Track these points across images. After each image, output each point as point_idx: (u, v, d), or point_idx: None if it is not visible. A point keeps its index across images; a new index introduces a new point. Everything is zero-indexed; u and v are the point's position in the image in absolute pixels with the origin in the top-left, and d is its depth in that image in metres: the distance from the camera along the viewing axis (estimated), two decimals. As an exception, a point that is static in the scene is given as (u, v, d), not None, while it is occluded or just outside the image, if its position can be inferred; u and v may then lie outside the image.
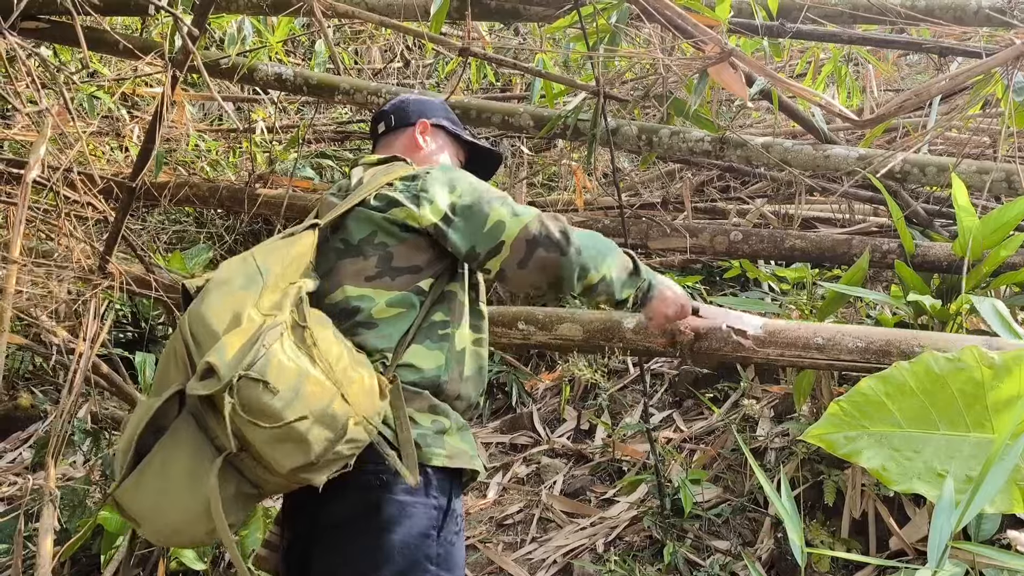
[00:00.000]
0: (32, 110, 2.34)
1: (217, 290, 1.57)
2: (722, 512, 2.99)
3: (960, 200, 2.52)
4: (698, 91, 2.65)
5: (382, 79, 5.66)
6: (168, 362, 1.58)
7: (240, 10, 3.52)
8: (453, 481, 1.72)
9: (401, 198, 1.76)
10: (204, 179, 4.23)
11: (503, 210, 1.74)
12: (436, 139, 2.08)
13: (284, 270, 1.63)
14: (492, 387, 4.61)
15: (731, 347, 2.16)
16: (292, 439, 1.42)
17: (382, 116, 2.11)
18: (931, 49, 2.67)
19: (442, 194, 1.76)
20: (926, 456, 1.82)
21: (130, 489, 1.49)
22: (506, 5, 3.37)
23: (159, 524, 1.51)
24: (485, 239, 1.73)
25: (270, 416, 1.40)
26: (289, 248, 1.69)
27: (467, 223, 1.74)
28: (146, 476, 1.49)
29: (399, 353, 1.69)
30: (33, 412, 4.76)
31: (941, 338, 2.15)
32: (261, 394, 1.40)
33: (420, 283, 1.75)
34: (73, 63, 4.38)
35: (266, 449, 1.43)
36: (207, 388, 1.40)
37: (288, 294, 1.56)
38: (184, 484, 1.46)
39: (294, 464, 1.44)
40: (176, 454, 1.48)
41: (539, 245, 1.71)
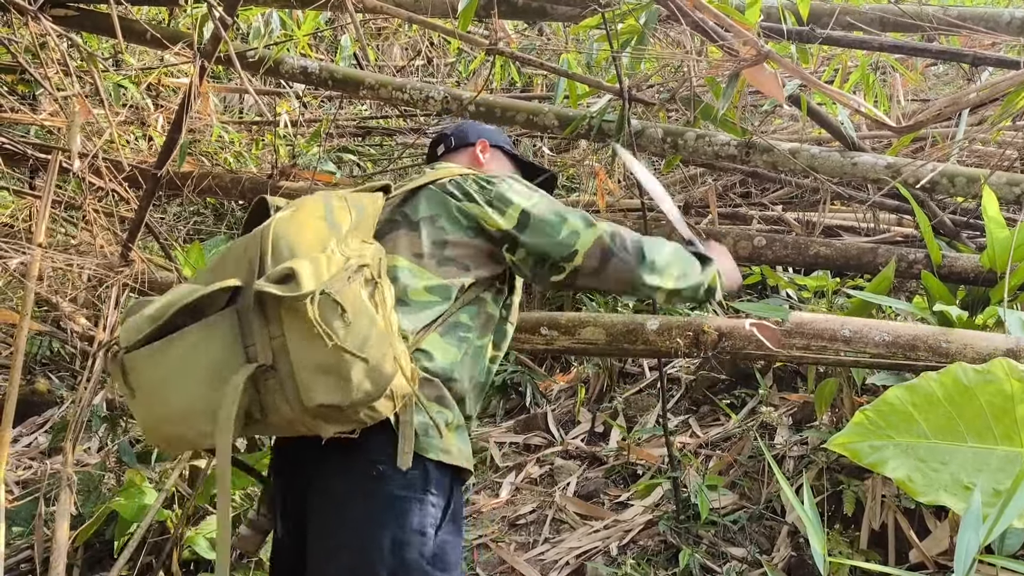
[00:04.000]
0: (62, 95, 2.34)
1: (307, 217, 1.56)
2: (738, 519, 2.96)
3: (990, 211, 2.49)
4: (727, 94, 2.63)
5: (404, 76, 5.67)
6: (225, 261, 1.55)
7: (268, 3, 3.53)
8: (453, 479, 1.70)
9: (476, 195, 1.79)
10: (227, 170, 4.24)
11: (577, 220, 1.81)
12: (496, 158, 2.15)
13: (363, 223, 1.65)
14: (507, 387, 4.60)
15: (754, 345, 2.16)
16: (336, 373, 1.39)
17: (442, 139, 2.18)
18: (964, 58, 2.63)
19: (517, 200, 1.81)
20: (953, 468, 1.80)
21: (144, 358, 1.43)
22: (533, 4, 3.36)
23: (157, 403, 1.45)
24: (559, 246, 1.79)
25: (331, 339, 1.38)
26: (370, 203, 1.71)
27: (542, 229, 1.79)
28: (166, 352, 1.43)
29: (419, 338, 1.69)
30: (50, 397, 4.79)
31: (970, 335, 2.14)
32: (335, 319, 1.39)
33: (463, 279, 1.76)
34: (101, 51, 4.40)
35: (306, 375, 1.40)
36: (283, 291, 1.37)
37: (369, 247, 1.58)
38: (203, 376, 1.41)
39: (326, 400, 1.40)
40: (207, 344, 1.43)
41: (613, 255, 1.80)
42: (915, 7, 3.08)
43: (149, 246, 4.62)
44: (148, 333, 1.43)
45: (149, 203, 2.78)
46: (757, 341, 2.16)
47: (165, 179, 3.06)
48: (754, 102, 4.09)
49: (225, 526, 1.43)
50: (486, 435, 4.24)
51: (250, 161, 4.63)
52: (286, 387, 1.42)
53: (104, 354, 1.79)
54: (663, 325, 2.34)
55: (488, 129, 2.23)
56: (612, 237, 1.81)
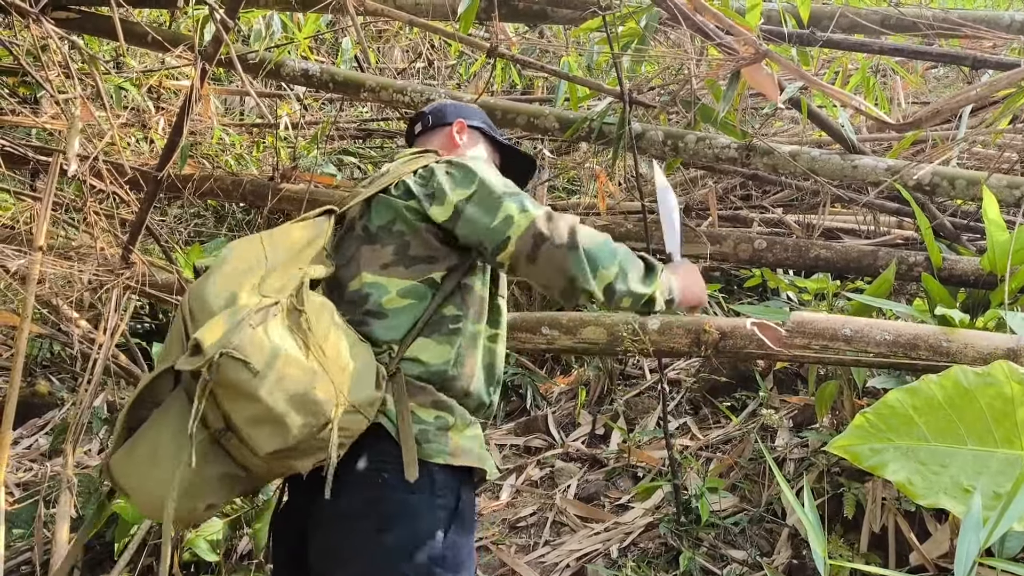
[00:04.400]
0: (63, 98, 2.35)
1: (219, 270, 1.59)
2: (739, 521, 2.96)
3: (991, 214, 2.49)
4: (727, 96, 2.63)
5: (405, 79, 5.68)
6: (171, 338, 1.60)
7: (269, 5, 3.53)
8: (462, 480, 1.67)
9: (417, 190, 1.76)
10: (228, 173, 4.24)
11: (512, 205, 1.70)
12: (472, 139, 2.09)
13: (294, 255, 1.65)
14: (507, 389, 4.60)
15: (755, 345, 2.16)
16: (269, 421, 1.43)
17: (420, 117, 2.13)
18: (964, 61, 2.64)
19: (454, 192, 1.74)
20: (953, 471, 1.80)
21: (122, 459, 1.52)
22: (534, 7, 3.36)
23: (146, 497, 1.51)
24: (492, 233, 1.69)
25: (247, 395, 1.41)
26: (301, 232, 1.71)
27: (476, 217, 1.71)
28: (137, 448, 1.51)
29: (405, 345, 1.67)
30: (50, 399, 4.79)
31: (970, 335, 2.14)
32: (240, 372, 1.41)
33: (433, 274, 1.73)
34: (102, 54, 4.40)
35: (246, 429, 1.44)
36: (191, 364, 1.42)
37: (293, 278, 1.58)
38: (171, 458, 1.46)
39: (273, 447, 1.44)
40: (166, 428, 1.50)
41: (545, 240, 1.66)
42: (915, 10, 3.09)
43: (150, 248, 4.62)
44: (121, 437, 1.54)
45: (150, 205, 2.78)
46: (758, 340, 2.17)
47: (166, 181, 3.07)
48: (754, 105, 4.10)
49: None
50: (487, 437, 4.24)
51: (251, 163, 4.63)
52: (244, 444, 1.47)
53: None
54: (664, 325, 2.35)
55: (467, 108, 2.15)
56: (548, 221, 1.68)
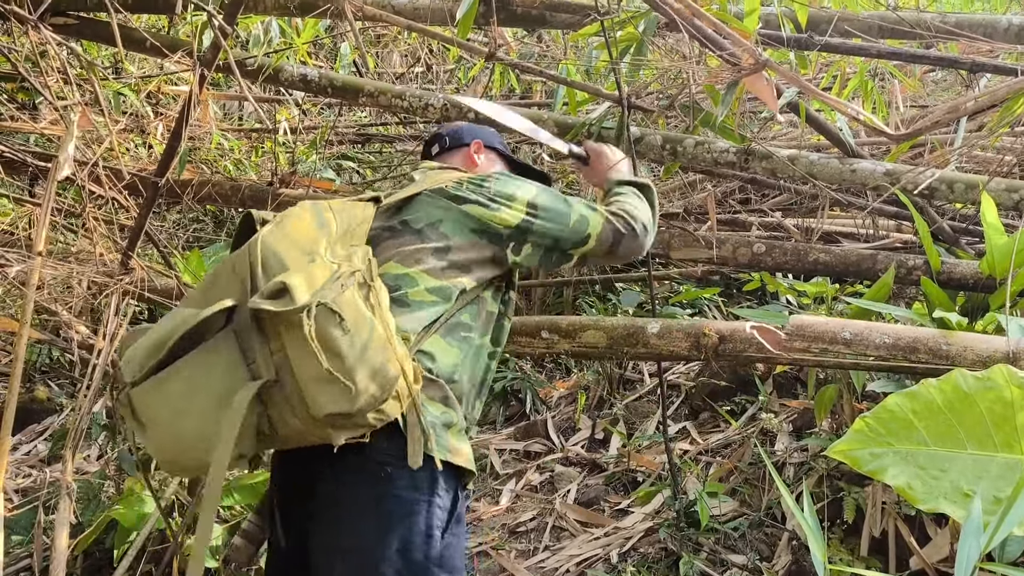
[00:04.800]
0: (62, 104, 2.35)
1: (292, 228, 1.57)
2: (739, 526, 2.96)
3: (989, 218, 2.49)
4: (726, 102, 2.63)
5: (403, 84, 5.68)
6: (218, 279, 1.56)
7: (268, 11, 3.53)
8: (459, 481, 1.70)
9: (475, 197, 1.80)
10: (227, 178, 4.24)
11: (579, 206, 1.90)
12: (490, 159, 2.15)
13: (351, 230, 1.67)
14: (506, 393, 4.59)
15: (755, 348, 2.17)
16: (340, 381, 1.40)
17: (436, 138, 2.17)
18: (962, 65, 2.64)
19: (520, 194, 1.84)
20: (953, 475, 1.80)
21: (150, 391, 1.45)
22: (532, 11, 3.36)
23: (169, 435, 1.46)
24: (572, 233, 1.86)
25: (335, 353, 1.39)
26: (358, 211, 1.73)
27: (552, 217, 1.85)
28: (171, 383, 1.44)
29: (422, 339, 1.69)
30: (49, 405, 4.78)
31: (970, 338, 2.14)
32: (334, 328, 1.39)
33: (463, 280, 1.77)
34: (101, 60, 4.41)
35: (311, 386, 1.41)
36: (279, 306, 1.38)
37: (356, 252, 1.59)
38: (209, 401, 1.43)
39: (335, 409, 1.42)
40: (209, 369, 1.45)
41: (623, 235, 1.90)
42: (913, 14, 3.09)
43: (149, 253, 4.62)
44: (151, 366, 1.45)
45: (149, 211, 2.78)
46: (758, 344, 2.18)
47: (165, 187, 3.07)
48: (753, 109, 4.10)
49: (205, 542, 1.46)
50: (486, 442, 4.24)
51: (250, 168, 4.63)
52: (292, 400, 1.44)
53: (109, 391, 1.81)
54: (664, 328, 2.35)
55: (483, 130, 2.23)
56: (615, 218, 1.91)
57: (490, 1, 3.08)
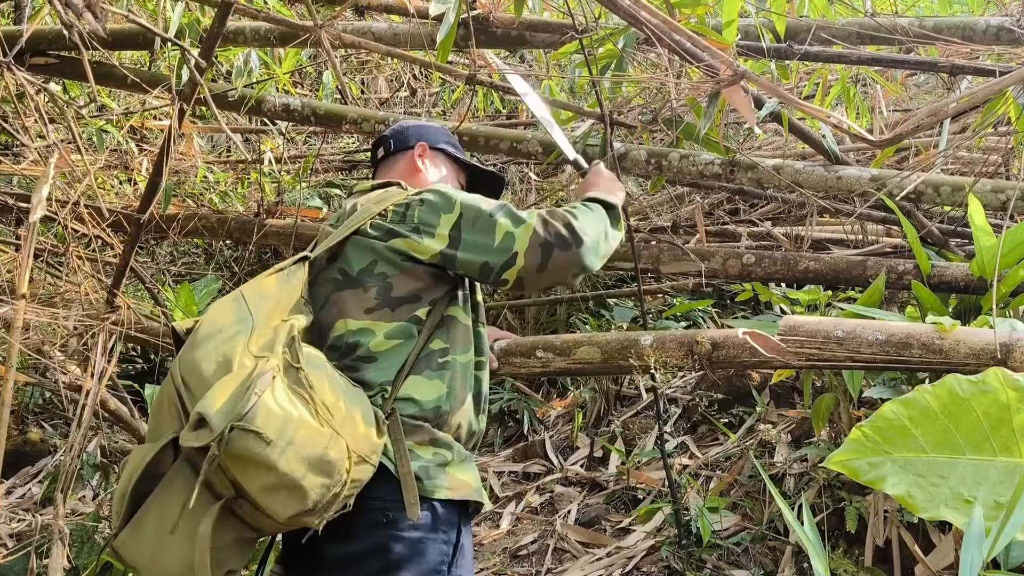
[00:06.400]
0: (40, 145, 2.33)
1: (208, 335, 1.56)
2: (741, 541, 2.93)
3: (977, 220, 2.48)
4: (708, 114, 2.62)
5: (389, 108, 5.68)
6: (161, 408, 1.57)
7: (247, 42, 3.53)
8: (461, 514, 1.69)
9: (398, 228, 1.74)
10: (213, 211, 4.22)
11: (506, 220, 1.72)
12: (436, 162, 2.07)
13: (274, 308, 1.62)
14: (503, 415, 4.57)
15: (748, 352, 2.17)
16: (287, 487, 1.40)
17: (381, 141, 2.11)
18: (942, 68, 2.64)
19: (441, 220, 1.73)
20: (952, 482, 1.78)
21: (127, 538, 1.49)
22: (512, 32, 3.37)
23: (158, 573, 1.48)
24: (497, 253, 1.70)
25: (263, 465, 1.39)
26: (280, 285, 1.68)
27: (474, 241, 1.72)
28: (143, 525, 1.48)
29: (398, 385, 1.67)
30: (43, 447, 4.74)
31: (962, 332, 2.12)
32: (253, 444, 1.38)
33: (418, 312, 1.73)
34: (82, 98, 4.40)
35: (262, 497, 1.42)
36: (199, 440, 1.39)
37: (279, 333, 1.55)
38: (184, 534, 1.44)
39: (291, 512, 1.43)
40: (172, 502, 1.46)
41: (553, 247, 1.69)
42: (891, 19, 3.09)
43: (139, 291, 4.59)
44: (123, 515, 1.49)
45: (133, 248, 2.76)
46: (751, 348, 2.17)
47: (150, 223, 3.05)
48: (737, 120, 4.11)
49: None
50: (485, 465, 4.20)
51: (236, 200, 4.61)
52: (258, 509, 1.45)
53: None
54: (657, 340, 2.34)
55: (428, 128, 2.13)
56: (545, 227, 1.71)
57: (469, 24, 3.08)
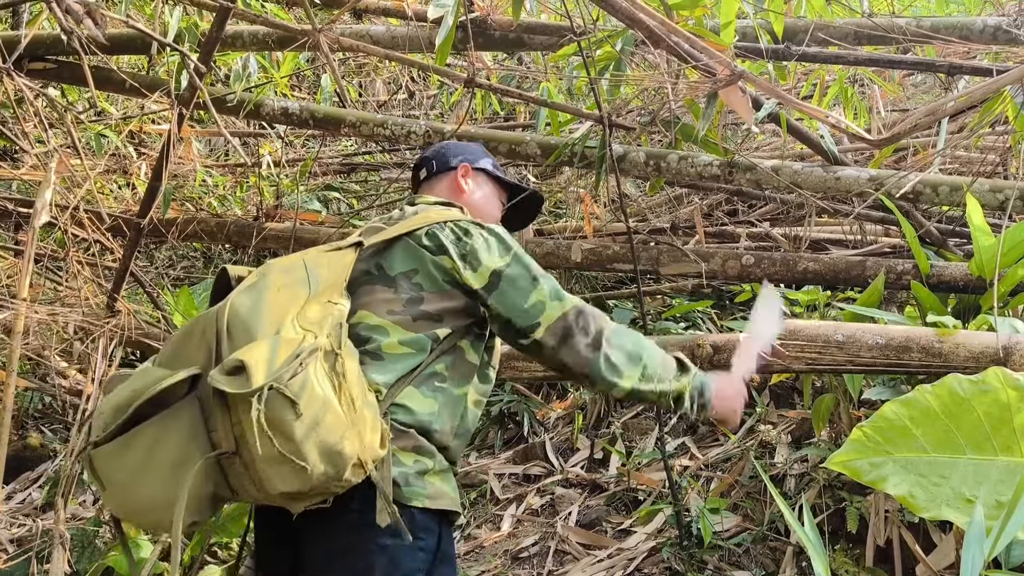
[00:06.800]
0: (40, 150, 2.34)
1: (264, 290, 1.55)
2: (742, 541, 2.93)
3: (975, 220, 2.49)
4: (706, 115, 2.63)
5: (387, 111, 5.69)
6: (189, 339, 1.54)
7: (245, 47, 3.54)
8: (441, 522, 1.68)
9: (451, 247, 1.75)
10: (212, 214, 4.23)
11: (546, 289, 1.74)
12: (478, 182, 2.08)
13: (329, 285, 1.62)
14: (504, 417, 4.56)
15: None
16: (293, 464, 1.39)
17: (424, 162, 2.11)
18: (940, 68, 2.65)
19: (490, 260, 1.75)
20: (953, 482, 1.78)
21: (110, 454, 1.45)
22: (510, 35, 3.37)
23: (126, 497, 1.46)
24: (523, 315, 1.73)
25: (286, 436, 1.37)
26: (337, 261, 1.69)
27: (509, 295, 1.74)
28: (132, 447, 1.44)
29: (395, 392, 1.66)
30: (43, 452, 4.74)
31: (962, 335, 2.13)
32: (286, 412, 1.37)
33: (438, 330, 1.73)
34: (81, 102, 4.40)
35: (264, 466, 1.40)
36: (233, 386, 1.36)
37: (330, 314, 1.55)
38: (167, 467, 1.42)
39: (286, 489, 1.42)
40: (170, 436, 1.44)
41: (575, 335, 1.72)
42: (888, 20, 3.10)
43: (139, 294, 4.59)
44: (113, 428, 1.44)
45: (133, 252, 2.77)
46: None
47: (149, 227, 3.05)
48: (735, 121, 4.11)
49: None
50: (485, 467, 4.20)
51: (235, 204, 4.62)
52: (250, 472, 1.44)
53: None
54: (658, 343, 2.34)
55: (470, 149, 2.15)
56: (577, 316, 1.73)
57: (467, 27, 3.09)
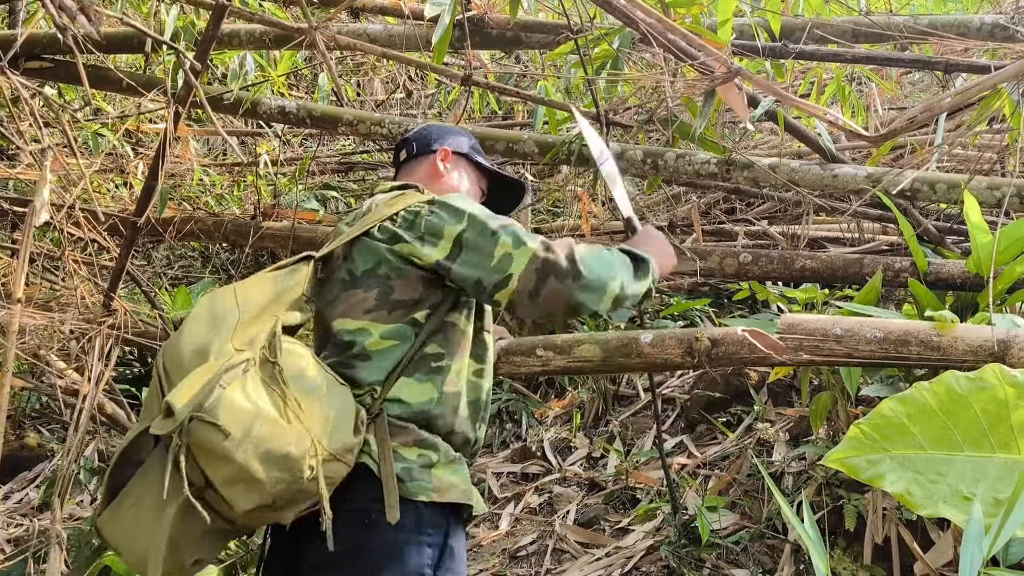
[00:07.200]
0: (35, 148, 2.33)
1: (192, 324, 1.59)
2: (740, 539, 2.93)
3: (973, 217, 2.48)
4: (704, 113, 2.62)
5: (385, 110, 5.69)
6: (151, 395, 1.60)
7: (242, 45, 3.53)
8: (450, 517, 1.67)
9: (404, 234, 1.72)
10: (209, 213, 4.22)
11: (508, 240, 1.69)
12: (457, 167, 2.04)
13: (268, 303, 1.63)
14: (501, 416, 4.56)
15: (748, 349, 2.17)
16: (244, 480, 1.42)
17: (404, 143, 2.08)
18: (937, 66, 2.65)
19: (446, 230, 1.71)
20: (951, 479, 1.78)
21: (108, 519, 1.54)
22: (507, 33, 3.37)
23: (135, 555, 1.52)
24: (492, 272, 1.68)
25: (223, 457, 1.41)
26: (278, 282, 1.69)
27: (472, 257, 1.69)
28: (122, 507, 1.53)
29: (387, 386, 1.67)
30: (40, 452, 4.72)
31: (960, 329, 2.12)
32: (212, 435, 1.41)
33: (415, 315, 1.72)
34: (77, 101, 4.40)
35: (224, 488, 1.44)
36: (163, 428, 1.42)
37: (264, 328, 1.57)
38: (154, 517, 1.48)
39: (250, 505, 1.44)
40: (149, 487, 1.50)
41: (549, 275, 1.66)
42: (885, 18, 3.10)
43: (136, 294, 4.58)
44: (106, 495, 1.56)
45: (129, 251, 2.76)
46: (749, 344, 2.17)
47: (146, 226, 3.04)
48: (733, 119, 4.11)
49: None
50: (483, 466, 4.20)
51: (232, 203, 4.61)
52: (223, 500, 1.47)
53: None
54: (657, 337, 2.34)
55: (451, 132, 2.09)
56: (547, 252, 1.68)
57: (464, 25, 3.08)
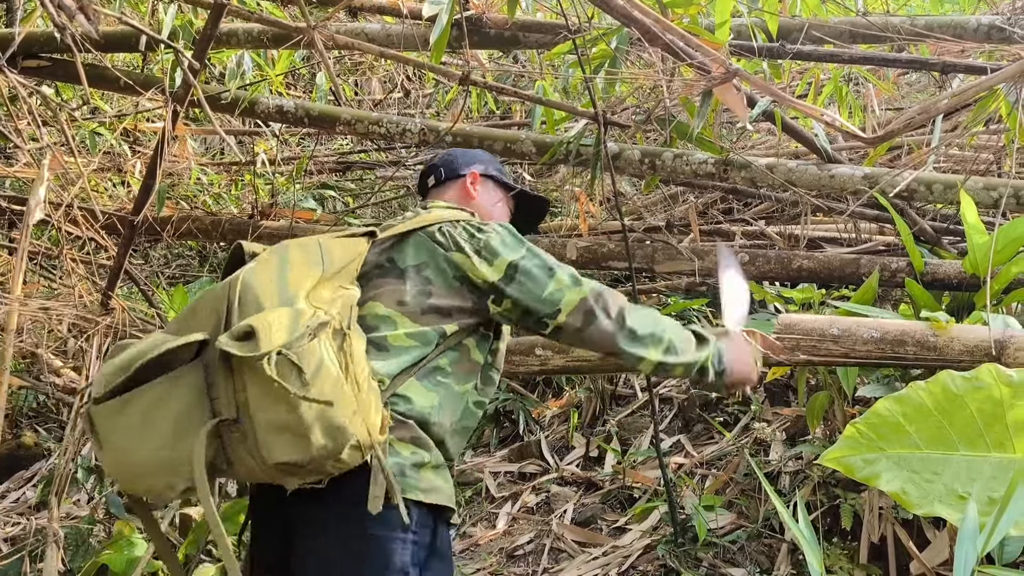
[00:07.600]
0: (33, 148, 2.33)
1: (277, 265, 1.57)
2: (737, 539, 2.93)
3: (969, 218, 2.49)
4: (701, 113, 2.63)
5: (382, 109, 5.68)
6: (198, 310, 1.56)
7: (240, 44, 3.53)
8: (436, 516, 1.68)
9: (466, 246, 1.77)
10: (207, 212, 4.22)
11: (564, 278, 1.77)
12: (487, 189, 2.10)
13: (340, 270, 1.64)
14: (499, 415, 4.57)
15: None
16: (293, 431, 1.40)
17: (432, 169, 2.13)
18: (934, 67, 2.65)
19: (505, 252, 1.77)
20: (946, 478, 1.78)
21: (110, 411, 1.45)
22: (505, 33, 3.37)
23: (123, 457, 1.47)
24: (543, 303, 1.75)
25: (287, 402, 1.38)
26: (350, 248, 1.71)
27: (527, 284, 1.76)
28: (132, 405, 1.45)
29: (397, 383, 1.67)
30: (37, 450, 4.73)
31: (956, 329, 2.13)
32: (293, 378, 1.38)
33: (444, 326, 1.74)
34: (75, 100, 4.39)
35: (266, 433, 1.41)
36: (242, 350, 1.38)
37: (340, 296, 1.57)
38: (167, 429, 1.43)
39: (285, 459, 1.42)
40: (172, 397, 1.45)
41: (596, 318, 1.75)
42: (882, 18, 3.11)
43: (134, 293, 4.58)
44: (115, 386, 1.44)
45: (127, 250, 2.76)
46: None
47: (144, 225, 3.04)
48: (730, 119, 4.11)
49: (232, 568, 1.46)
50: (480, 465, 4.21)
51: (230, 202, 4.61)
52: (249, 441, 1.43)
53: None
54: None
55: (478, 157, 2.17)
56: (597, 298, 1.77)
57: (462, 25, 3.08)
